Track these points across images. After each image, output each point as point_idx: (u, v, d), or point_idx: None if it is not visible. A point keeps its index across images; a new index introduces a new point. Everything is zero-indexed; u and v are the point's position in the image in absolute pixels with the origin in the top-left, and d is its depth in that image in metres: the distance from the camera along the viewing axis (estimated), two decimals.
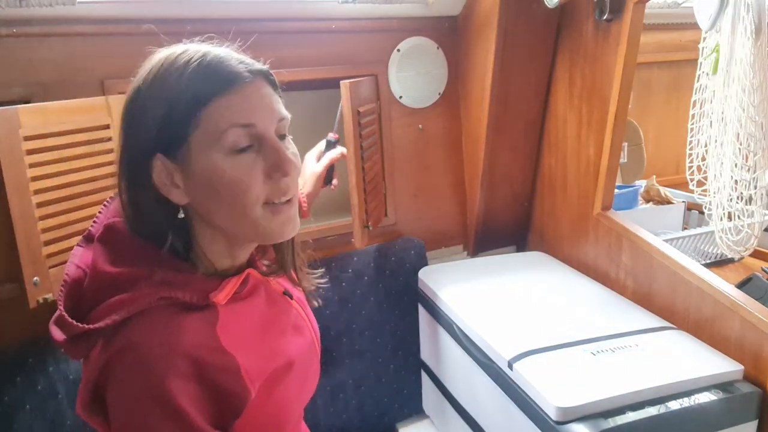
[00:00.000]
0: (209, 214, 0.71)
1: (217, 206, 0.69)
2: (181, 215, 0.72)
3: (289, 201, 0.72)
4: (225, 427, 0.69)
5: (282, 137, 0.72)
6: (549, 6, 1.30)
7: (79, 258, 0.72)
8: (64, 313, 0.66)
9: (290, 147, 0.73)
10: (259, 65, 0.71)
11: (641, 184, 1.77)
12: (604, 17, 1.27)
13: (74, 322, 0.65)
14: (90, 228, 0.76)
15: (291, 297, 0.86)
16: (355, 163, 1.25)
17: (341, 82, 1.24)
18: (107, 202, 0.78)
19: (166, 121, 0.66)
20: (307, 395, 0.87)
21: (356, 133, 1.25)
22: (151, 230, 0.70)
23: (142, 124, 0.67)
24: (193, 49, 0.68)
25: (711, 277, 1.11)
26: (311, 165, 1.25)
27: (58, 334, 0.67)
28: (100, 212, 0.77)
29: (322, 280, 0.90)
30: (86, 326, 0.65)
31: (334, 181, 1.27)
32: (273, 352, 0.76)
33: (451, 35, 1.57)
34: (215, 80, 0.66)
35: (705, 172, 1.20)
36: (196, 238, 0.73)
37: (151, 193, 0.69)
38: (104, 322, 0.64)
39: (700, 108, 1.20)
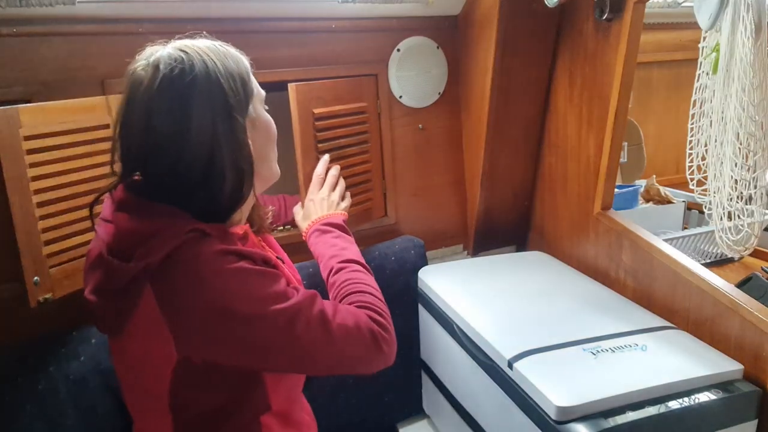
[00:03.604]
0: (263, 160, 0.87)
1: (270, 150, 0.90)
2: None
3: None
4: None
5: None
6: (549, 5, 1.30)
7: (102, 232, 0.79)
8: (111, 258, 0.74)
9: None
10: None
11: (641, 183, 1.77)
12: (604, 17, 1.27)
13: (128, 264, 0.72)
14: (100, 216, 0.83)
15: (283, 261, 0.95)
16: (302, 163, 1.25)
17: (289, 84, 1.23)
18: (109, 195, 0.83)
19: (239, 90, 0.80)
20: None
21: (304, 133, 1.25)
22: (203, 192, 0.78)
23: (220, 96, 0.78)
24: (207, 41, 0.83)
25: (711, 277, 1.11)
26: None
27: (95, 297, 0.76)
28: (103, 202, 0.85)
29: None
30: (140, 263, 0.72)
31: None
32: None
33: (451, 35, 1.57)
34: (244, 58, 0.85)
35: (705, 171, 1.20)
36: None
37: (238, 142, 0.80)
38: (153, 257, 0.72)
39: (700, 107, 1.20)
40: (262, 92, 0.87)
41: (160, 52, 0.78)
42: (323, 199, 1.14)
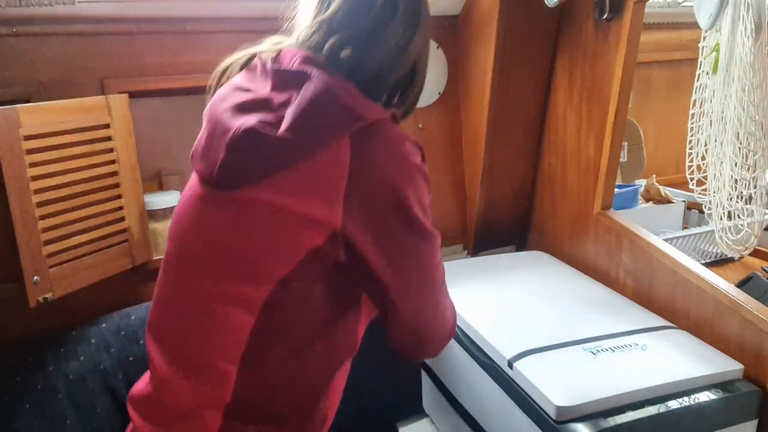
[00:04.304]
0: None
1: None
2: None
3: None
4: None
5: None
6: (549, 5, 1.30)
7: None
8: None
9: None
10: None
11: (641, 183, 1.77)
12: (604, 17, 1.27)
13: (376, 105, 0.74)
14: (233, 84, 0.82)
15: None
16: None
17: None
18: (269, 61, 0.82)
19: None
20: None
21: None
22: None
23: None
24: None
25: (711, 277, 1.11)
26: None
27: (262, 126, 0.71)
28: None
29: None
30: (356, 113, 0.71)
31: None
32: None
33: (451, 34, 1.57)
34: None
35: (705, 171, 1.20)
36: None
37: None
38: (370, 114, 0.72)
39: (700, 107, 1.20)
40: None
41: None
42: None
